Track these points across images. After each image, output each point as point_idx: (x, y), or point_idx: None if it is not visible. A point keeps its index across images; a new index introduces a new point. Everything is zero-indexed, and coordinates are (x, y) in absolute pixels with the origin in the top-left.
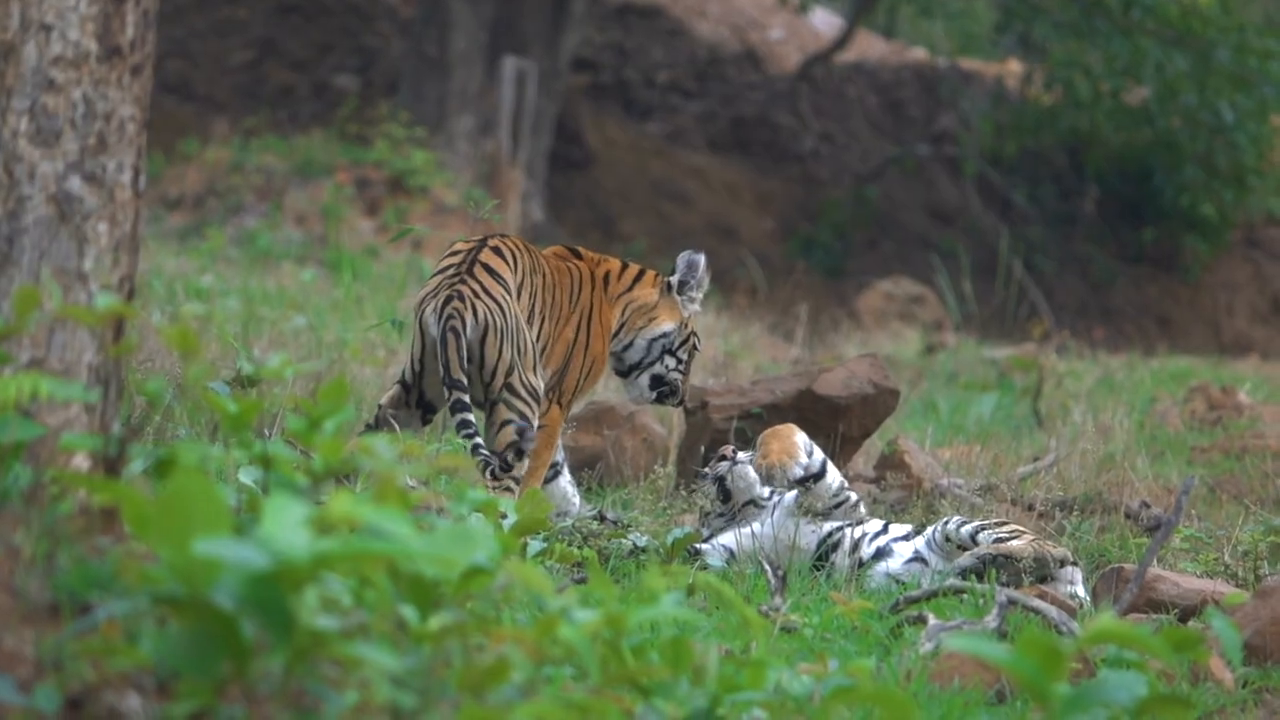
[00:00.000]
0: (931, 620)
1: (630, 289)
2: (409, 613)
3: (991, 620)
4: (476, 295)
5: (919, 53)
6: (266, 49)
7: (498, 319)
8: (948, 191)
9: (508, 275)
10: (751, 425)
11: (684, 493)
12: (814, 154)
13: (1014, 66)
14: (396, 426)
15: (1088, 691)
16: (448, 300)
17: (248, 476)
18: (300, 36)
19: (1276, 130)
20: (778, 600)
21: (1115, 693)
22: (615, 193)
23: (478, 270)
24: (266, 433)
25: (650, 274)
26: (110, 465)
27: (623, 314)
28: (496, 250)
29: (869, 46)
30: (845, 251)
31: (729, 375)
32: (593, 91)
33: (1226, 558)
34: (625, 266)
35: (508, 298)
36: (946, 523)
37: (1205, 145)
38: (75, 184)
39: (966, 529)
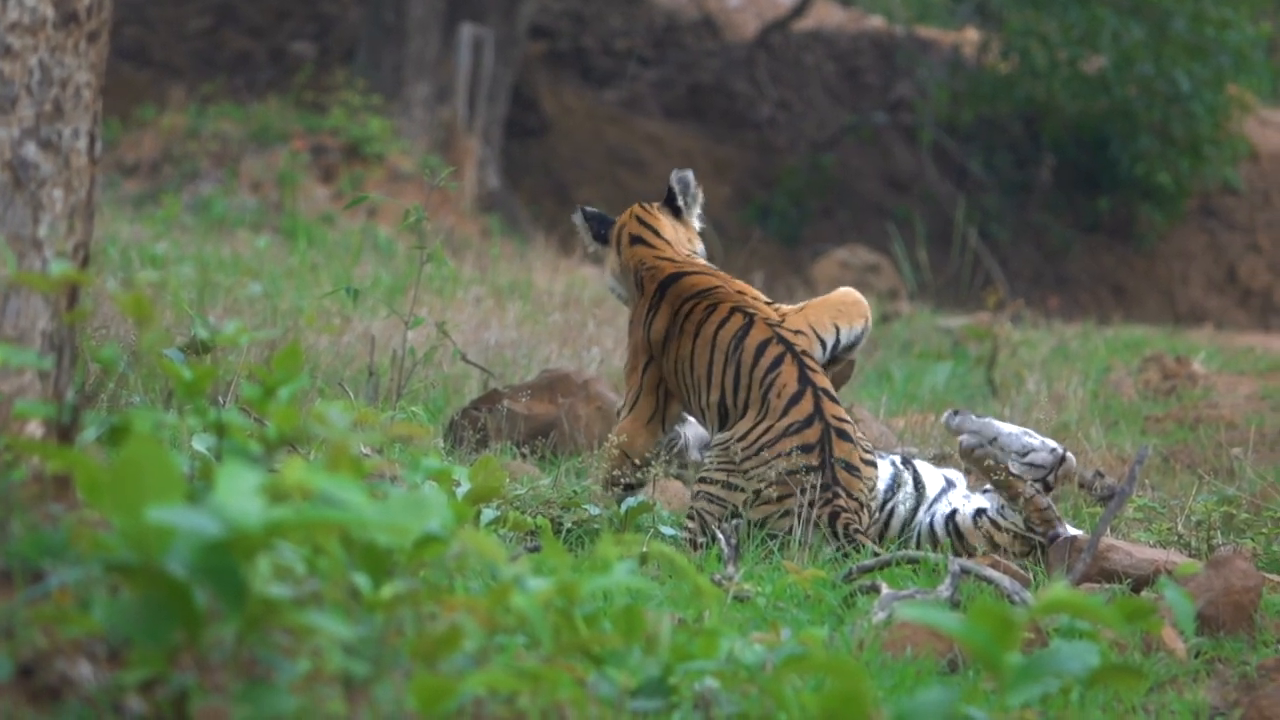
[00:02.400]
0: (884, 589)
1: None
2: (362, 581)
3: (944, 590)
4: None
5: (876, 21)
6: (224, 15)
7: None
8: (904, 160)
9: None
10: None
11: (637, 461)
12: (771, 122)
13: (971, 35)
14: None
15: (1040, 661)
16: None
17: (201, 444)
18: (257, 3)
19: (1232, 99)
20: (730, 569)
21: (1067, 662)
22: (571, 160)
23: None
24: (221, 400)
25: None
26: (64, 432)
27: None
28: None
29: (827, 14)
30: (801, 219)
31: None
32: (550, 59)
33: (1180, 528)
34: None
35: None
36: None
37: (1161, 114)
38: (31, 150)
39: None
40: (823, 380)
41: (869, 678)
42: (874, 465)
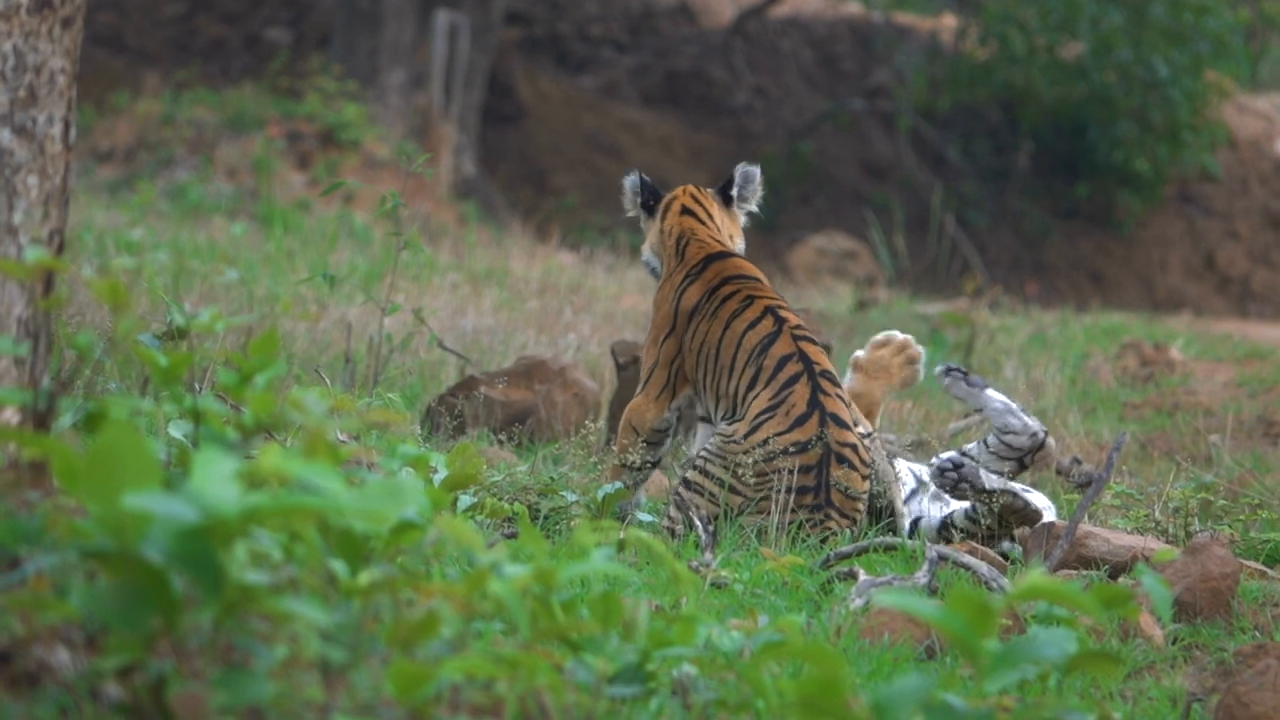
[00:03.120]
0: (862, 576)
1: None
2: (339, 567)
3: (922, 576)
4: None
5: (854, 7)
6: (198, 2)
7: None
8: (882, 146)
9: None
10: None
11: (614, 448)
12: (748, 108)
13: (949, 21)
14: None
15: (1017, 648)
16: None
17: (178, 430)
18: None
19: (1211, 86)
20: (708, 556)
21: (1045, 649)
22: (548, 147)
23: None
24: (197, 387)
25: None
26: (40, 419)
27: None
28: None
29: (803, 0)
30: (778, 206)
31: None
32: (526, 45)
33: (1157, 514)
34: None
35: None
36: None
37: (1140, 100)
38: (5, 137)
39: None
40: (834, 405)
41: (846, 664)
42: (873, 489)
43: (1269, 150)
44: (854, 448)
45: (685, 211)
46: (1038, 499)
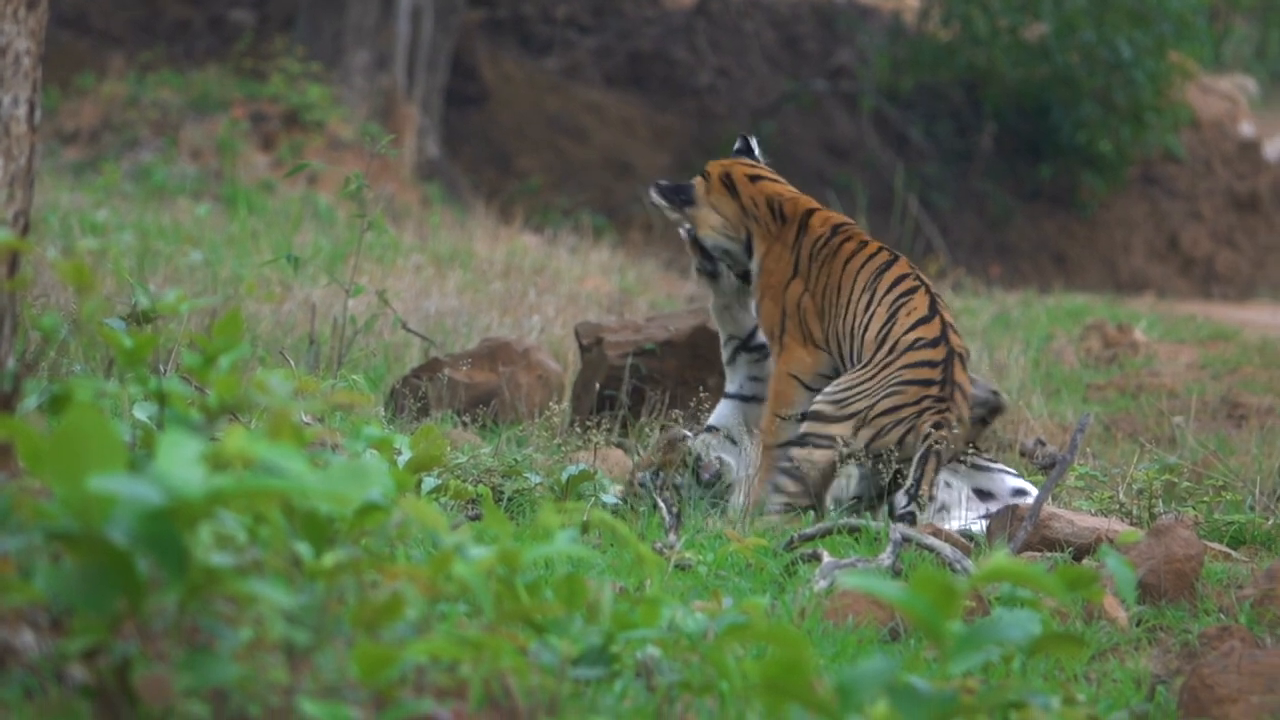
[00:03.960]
0: (826, 558)
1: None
2: (303, 549)
3: (886, 558)
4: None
5: None
6: None
7: None
8: (844, 127)
9: None
10: (646, 362)
11: (579, 429)
12: (710, 89)
13: (911, 2)
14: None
15: (981, 629)
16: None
17: (143, 412)
18: None
19: (1174, 67)
20: (672, 538)
21: (1009, 631)
22: (511, 129)
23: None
24: (162, 368)
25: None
26: (4, 401)
27: None
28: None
29: None
30: None
31: (624, 312)
32: (489, 26)
33: (1121, 496)
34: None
35: None
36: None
37: (1103, 82)
38: None
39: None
40: (949, 315)
41: (810, 646)
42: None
43: (1232, 131)
44: (967, 352)
45: (754, 179)
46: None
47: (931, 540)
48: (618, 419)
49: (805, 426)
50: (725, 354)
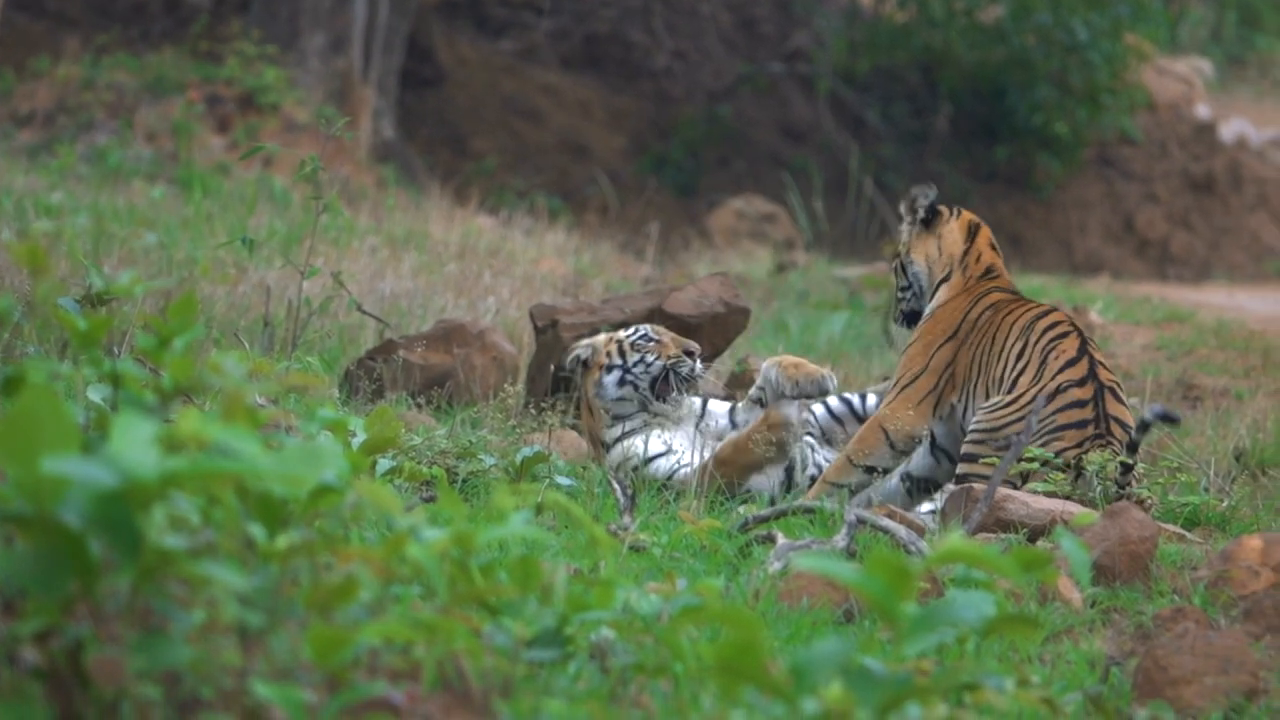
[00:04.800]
0: (780, 540)
1: None
2: (257, 531)
3: (840, 540)
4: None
5: None
6: None
7: None
8: (800, 110)
9: None
10: None
11: (533, 411)
12: (667, 71)
13: None
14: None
15: (936, 611)
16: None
17: (96, 394)
18: None
19: (1130, 49)
20: (626, 519)
21: (963, 612)
22: (467, 111)
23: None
24: (116, 350)
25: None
26: None
27: None
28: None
29: None
30: (697, 170)
31: (580, 293)
32: (445, 9)
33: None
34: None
35: None
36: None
37: (1059, 63)
38: None
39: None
40: (1100, 354)
41: (765, 628)
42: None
43: (1188, 113)
44: (1119, 385)
45: (994, 247)
46: None
47: (886, 522)
48: (572, 401)
49: (963, 468)
50: None
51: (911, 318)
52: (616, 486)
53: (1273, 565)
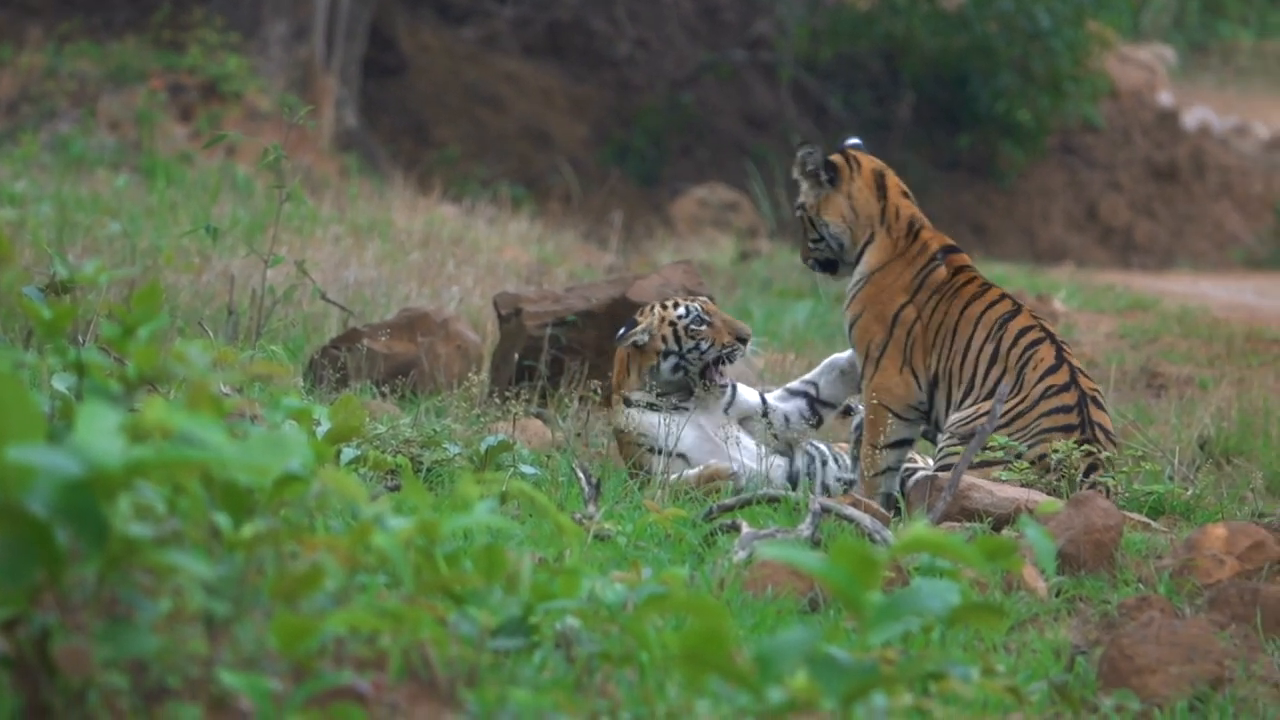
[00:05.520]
0: (745, 528)
1: None
2: (223, 520)
3: (805, 528)
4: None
5: None
6: None
7: None
8: (763, 98)
9: None
10: (565, 332)
11: (498, 400)
12: (629, 60)
13: None
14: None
15: (901, 600)
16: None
17: (61, 383)
18: None
19: (1093, 36)
20: (591, 508)
21: (928, 601)
22: (429, 99)
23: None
24: (80, 339)
25: None
26: None
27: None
28: None
29: None
30: (660, 158)
31: (543, 282)
32: None
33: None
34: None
35: None
36: None
37: (1022, 51)
38: None
39: None
40: (1077, 361)
41: (730, 617)
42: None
43: (1151, 101)
44: (1100, 393)
45: (906, 195)
46: None
47: (851, 511)
48: (536, 389)
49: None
50: None
51: (827, 265)
52: (581, 475)
53: (1237, 554)
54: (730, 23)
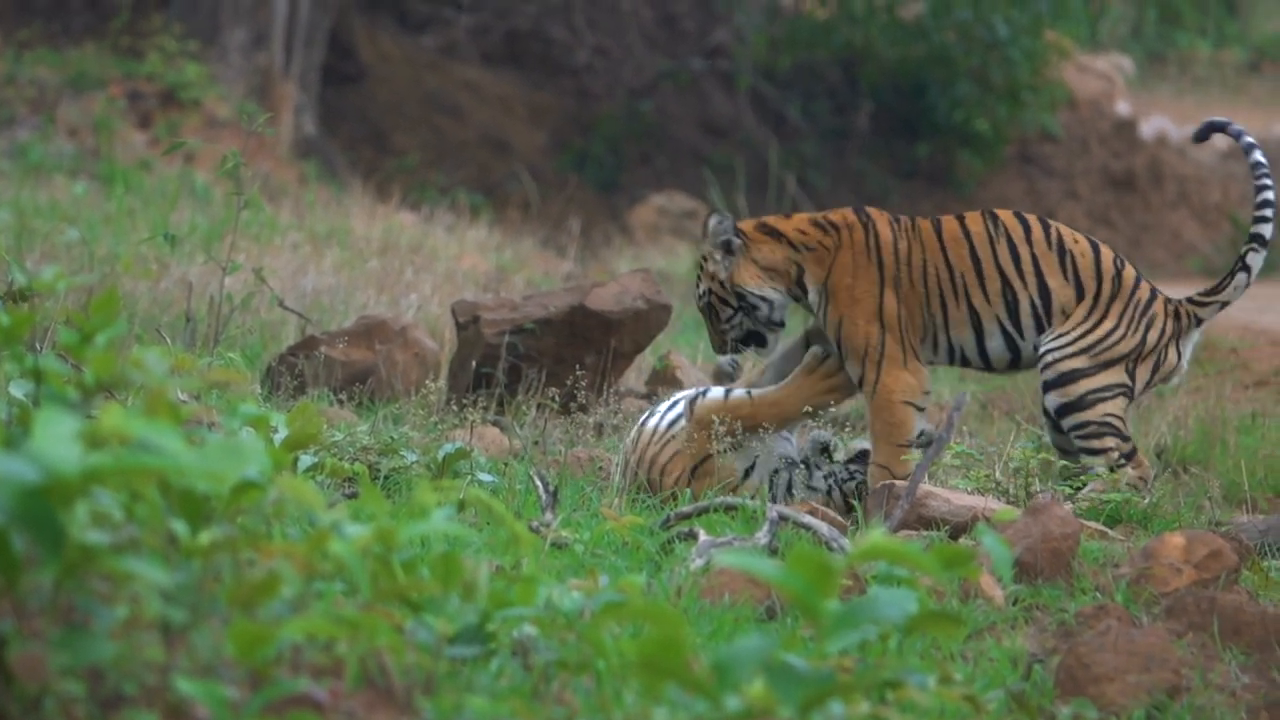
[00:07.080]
0: (702, 536)
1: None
2: (179, 527)
3: (762, 536)
4: None
5: None
6: None
7: None
8: (721, 106)
9: None
10: (523, 340)
11: (455, 407)
12: (588, 68)
13: None
14: None
15: (858, 608)
16: None
17: (19, 390)
18: None
19: (1051, 46)
20: (548, 516)
21: (885, 609)
22: (388, 106)
23: None
24: (38, 346)
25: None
26: None
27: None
28: None
29: None
30: (618, 166)
31: (501, 290)
32: (366, 4)
33: (998, 474)
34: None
35: None
36: None
37: (980, 60)
38: None
39: None
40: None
41: (687, 625)
42: None
43: (1109, 110)
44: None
45: (787, 216)
46: None
47: (808, 519)
48: (494, 397)
49: (1092, 416)
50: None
51: (750, 338)
52: (539, 483)
53: (1195, 562)
54: (689, 31)
